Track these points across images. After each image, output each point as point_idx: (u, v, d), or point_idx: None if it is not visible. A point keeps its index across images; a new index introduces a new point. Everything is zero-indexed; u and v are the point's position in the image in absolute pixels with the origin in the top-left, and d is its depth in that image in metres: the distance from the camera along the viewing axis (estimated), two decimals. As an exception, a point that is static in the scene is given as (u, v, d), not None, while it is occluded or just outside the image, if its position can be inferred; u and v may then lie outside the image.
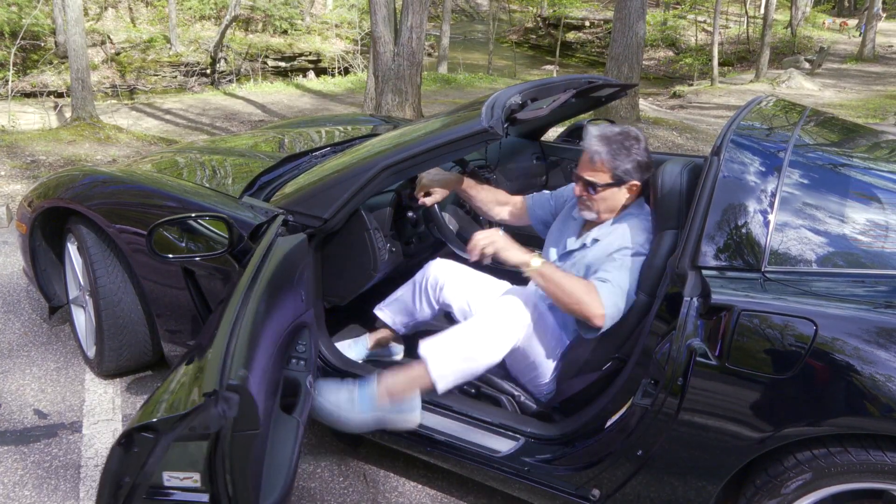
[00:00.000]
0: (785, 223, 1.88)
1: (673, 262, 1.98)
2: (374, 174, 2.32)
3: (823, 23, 28.71)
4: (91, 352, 3.14)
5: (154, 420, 1.48)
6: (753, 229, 1.88)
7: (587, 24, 29.76)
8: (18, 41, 13.64)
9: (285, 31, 22.80)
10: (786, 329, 1.70)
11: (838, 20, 29.00)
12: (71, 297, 3.30)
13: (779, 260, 1.83)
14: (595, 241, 2.35)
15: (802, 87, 17.90)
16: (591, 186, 2.30)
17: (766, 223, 1.87)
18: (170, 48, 20.13)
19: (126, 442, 1.46)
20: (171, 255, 2.40)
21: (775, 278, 1.81)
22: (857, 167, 2.19)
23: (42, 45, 18.03)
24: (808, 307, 1.70)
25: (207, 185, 2.88)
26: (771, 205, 1.90)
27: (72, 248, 3.13)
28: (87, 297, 3.07)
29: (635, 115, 9.78)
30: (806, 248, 1.84)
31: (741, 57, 26.53)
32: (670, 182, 2.33)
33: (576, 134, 3.95)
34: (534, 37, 31.20)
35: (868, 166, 2.23)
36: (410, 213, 2.77)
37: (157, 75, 19.78)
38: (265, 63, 21.49)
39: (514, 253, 2.22)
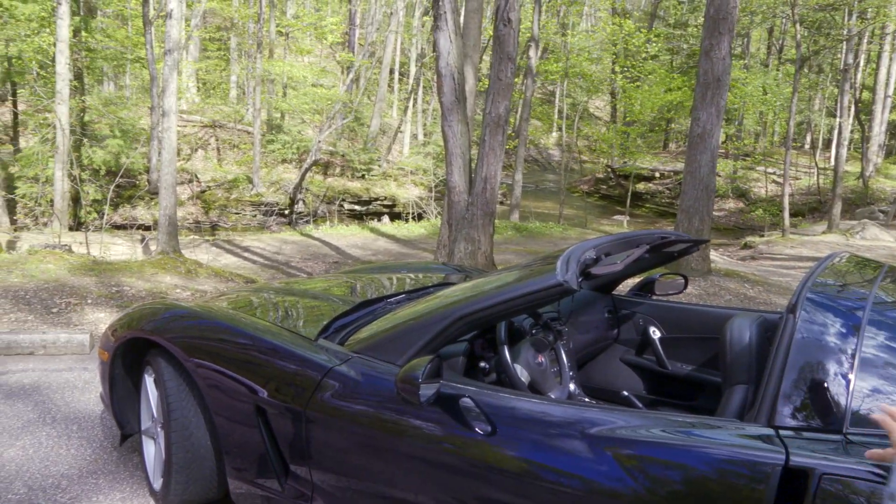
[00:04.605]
0: (867, 383, 1.83)
1: (748, 420, 1.94)
2: (449, 324, 2.36)
3: None
4: (157, 484, 3.16)
5: None
6: (833, 389, 1.83)
7: (657, 175, 30.19)
8: (117, 179, 14.54)
9: (362, 176, 23.72)
10: (872, 496, 1.62)
11: None
12: (143, 428, 3.36)
13: (862, 421, 1.77)
14: None
15: (878, 238, 17.51)
16: None
17: (847, 383, 1.83)
18: (252, 188, 21.09)
19: None
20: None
21: (859, 441, 1.74)
22: None
23: (136, 182, 19.13)
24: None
25: (284, 326, 2.96)
26: (851, 365, 1.86)
27: (149, 380, 3.21)
28: (158, 429, 3.12)
29: (707, 267, 9.74)
30: None
31: (812, 208, 26.45)
32: (739, 337, 2.31)
33: (647, 288, 3.96)
34: (604, 187, 31.73)
35: None
36: (483, 364, 2.78)
37: (238, 213, 20.66)
38: (341, 206, 22.29)
39: None
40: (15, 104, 19.55)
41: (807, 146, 34.13)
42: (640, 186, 29.42)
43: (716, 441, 1.88)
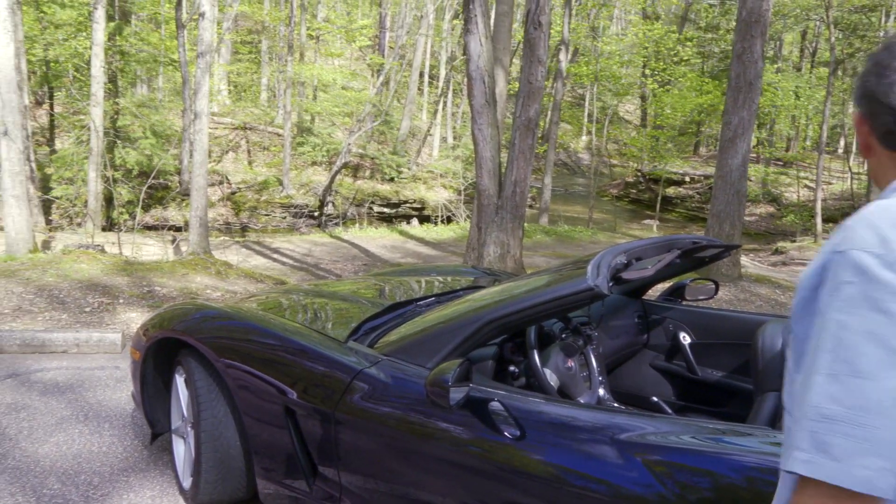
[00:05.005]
0: None
1: (780, 428, 1.91)
2: (479, 327, 2.35)
3: None
4: (187, 483, 3.19)
5: None
6: None
7: (687, 179, 29.96)
8: (150, 180, 14.72)
9: (392, 179, 23.79)
10: None
11: None
12: (173, 427, 3.39)
13: None
14: None
15: (913, 246, 17.22)
16: None
17: None
18: (282, 190, 21.23)
19: None
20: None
21: None
22: None
23: (167, 183, 19.35)
24: None
25: (313, 327, 2.98)
26: None
27: (179, 380, 3.25)
28: (188, 429, 3.15)
29: (737, 272, 9.65)
30: None
31: (845, 213, 26.06)
32: (771, 343, 2.28)
33: (678, 293, 3.93)
34: (634, 191, 31.54)
35: None
36: (512, 368, 2.77)
37: (268, 215, 20.80)
38: (371, 208, 22.36)
39: None
40: (51, 107, 19.87)
41: (840, 150, 33.66)
42: (670, 191, 29.21)
43: (746, 449, 1.86)
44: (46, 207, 16.92)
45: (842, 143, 34.13)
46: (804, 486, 1.04)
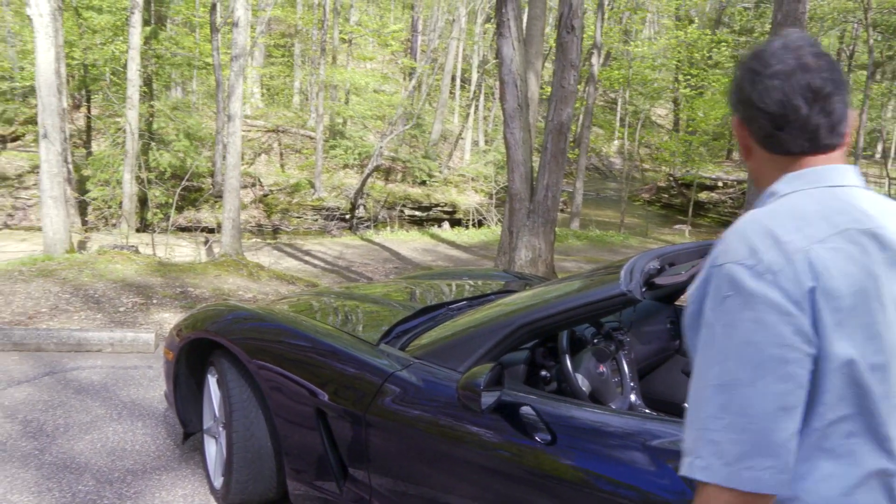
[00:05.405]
0: None
1: None
2: (511, 332, 2.34)
3: None
4: (218, 482, 3.21)
5: None
6: None
7: (720, 184, 29.61)
8: (183, 182, 14.90)
9: (423, 182, 23.80)
10: None
11: None
12: (205, 427, 3.42)
13: None
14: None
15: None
16: None
17: None
18: (313, 193, 21.33)
19: None
20: None
21: None
22: None
23: (200, 185, 19.56)
24: None
25: (345, 330, 2.98)
26: None
27: (212, 381, 3.27)
28: (220, 429, 3.17)
29: (771, 280, 9.52)
30: None
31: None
32: None
33: (711, 298, 3.88)
34: (666, 196, 31.26)
35: None
36: (544, 373, 2.76)
37: (299, 217, 20.91)
38: (402, 212, 22.38)
39: None
40: (89, 109, 20.19)
41: (878, 156, 33.16)
42: (703, 195, 28.89)
43: None
44: (82, 208, 17.20)
45: (879, 148, 33.62)
46: (703, 489, 1.14)
